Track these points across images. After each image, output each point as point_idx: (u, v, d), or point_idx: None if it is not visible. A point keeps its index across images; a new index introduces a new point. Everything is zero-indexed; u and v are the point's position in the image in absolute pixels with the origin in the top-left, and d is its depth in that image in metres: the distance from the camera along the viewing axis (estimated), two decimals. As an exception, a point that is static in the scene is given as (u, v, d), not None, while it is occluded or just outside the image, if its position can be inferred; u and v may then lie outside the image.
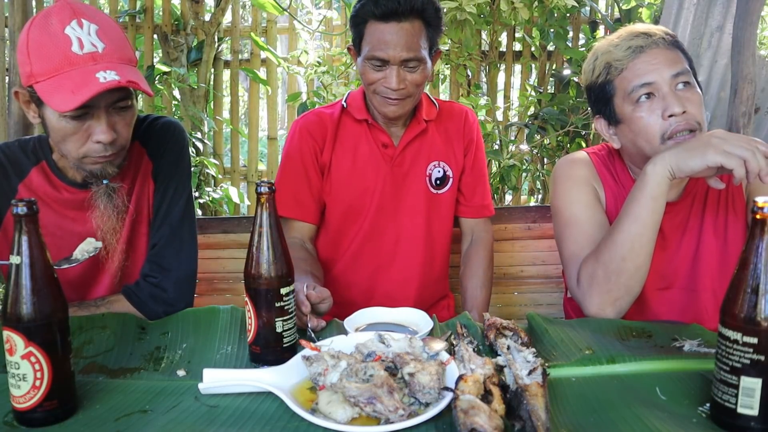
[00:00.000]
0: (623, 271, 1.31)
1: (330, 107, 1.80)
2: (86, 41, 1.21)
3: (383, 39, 1.55)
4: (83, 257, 1.36)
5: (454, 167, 1.79)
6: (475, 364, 1.01)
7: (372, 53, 1.57)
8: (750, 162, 1.18)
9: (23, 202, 0.92)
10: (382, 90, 1.61)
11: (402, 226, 1.77)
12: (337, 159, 1.74)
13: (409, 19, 1.55)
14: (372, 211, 1.75)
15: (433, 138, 1.78)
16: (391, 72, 1.58)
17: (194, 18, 3.93)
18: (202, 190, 3.78)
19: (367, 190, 1.74)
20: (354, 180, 1.74)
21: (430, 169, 1.77)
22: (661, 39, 1.38)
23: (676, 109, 1.33)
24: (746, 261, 0.90)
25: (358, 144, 1.74)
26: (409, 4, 1.54)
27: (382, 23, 1.55)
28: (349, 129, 1.75)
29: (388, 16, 1.54)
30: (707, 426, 0.93)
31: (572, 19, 3.90)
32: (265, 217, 1.11)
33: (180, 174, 1.49)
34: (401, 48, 1.55)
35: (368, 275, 1.79)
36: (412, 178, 1.76)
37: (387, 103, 1.63)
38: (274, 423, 0.95)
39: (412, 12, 1.55)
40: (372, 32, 1.57)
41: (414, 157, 1.76)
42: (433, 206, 1.78)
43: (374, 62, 1.59)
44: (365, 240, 1.77)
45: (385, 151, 1.74)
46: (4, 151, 1.41)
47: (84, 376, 1.11)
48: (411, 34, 1.56)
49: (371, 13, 1.56)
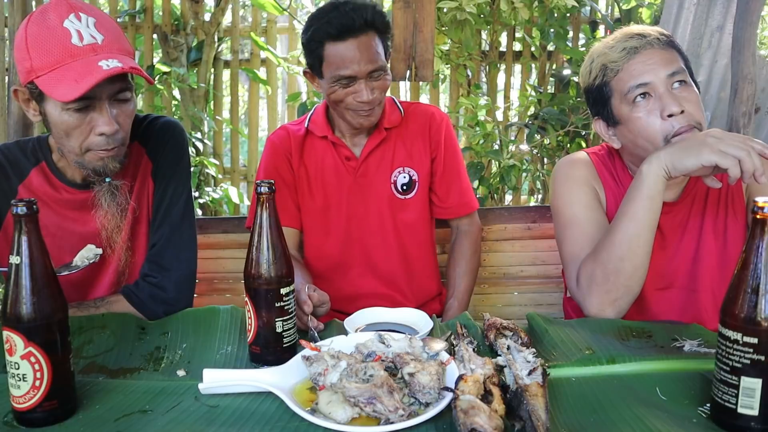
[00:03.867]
0: (622, 271, 1.31)
1: (298, 123, 1.85)
2: (85, 33, 1.22)
3: (346, 56, 1.58)
4: (83, 264, 1.36)
5: (421, 172, 1.81)
6: (475, 364, 1.01)
7: (337, 73, 1.60)
8: (745, 162, 1.18)
9: (23, 202, 0.92)
10: (354, 105, 1.64)
11: (373, 232, 1.80)
12: (306, 173, 1.80)
13: (364, 31, 1.58)
14: (342, 221, 1.80)
15: (396, 145, 1.80)
16: (360, 86, 1.61)
17: (194, 18, 3.93)
18: (202, 190, 3.78)
19: (334, 203, 1.79)
20: (322, 193, 1.79)
21: (394, 176, 1.79)
22: (656, 39, 1.38)
23: (674, 109, 1.33)
24: (746, 261, 0.90)
25: (323, 158, 1.79)
26: (362, 18, 1.57)
27: (339, 42, 1.58)
28: (313, 145, 1.80)
29: (343, 33, 1.57)
30: (707, 426, 0.93)
31: (572, 19, 3.90)
32: (265, 217, 1.11)
33: (180, 174, 1.49)
34: (365, 62, 1.58)
35: (353, 279, 1.82)
36: (376, 186, 1.79)
37: (360, 116, 1.66)
38: (274, 423, 0.95)
39: (365, 25, 1.58)
40: (332, 53, 1.59)
41: (376, 165, 1.79)
42: (400, 211, 1.81)
43: (341, 81, 1.61)
44: (342, 250, 1.81)
45: (348, 164, 1.78)
46: (4, 152, 1.41)
47: (84, 376, 1.11)
48: (369, 46, 1.59)
49: (327, 35, 1.58)
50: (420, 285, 1.87)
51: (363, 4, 1.61)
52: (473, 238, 1.90)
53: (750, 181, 1.20)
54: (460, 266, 1.86)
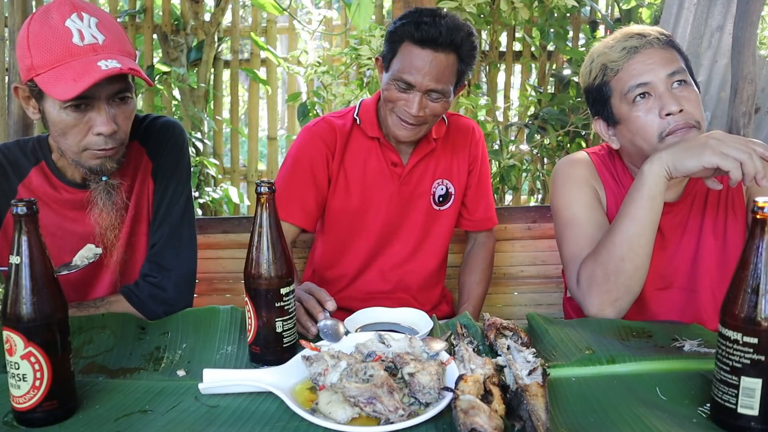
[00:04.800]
0: (622, 271, 1.31)
1: (341, 117, 1.78)
2: (87, 33, 1.22)
3: (415, 64, 1.54)
4: (83, 263, 1.36)
5: (457, 184, 1.82)
6: (475, 364, 1.01)
7: (400, 74, 1.57)
8: (746, 164, 1.18)
9: (23, 202, 0.92)
10: (401, 112, 1.61)
11: (402, 241, 1.80)
12: (345, 171, 1.75)
13: (445, 50, 1.54)
14: (377, 227, 1.77)
15: (440, 155, 1.79)
16: (414, 97, 1.57)
17: (194, 18, 3.93)
18: (202, 190, 3.78)
19: (374, 207, 1.76)
20: (361, 195, 1.75)
21: (434, 187, 1.79)
22: (656, 39, 1.39)
23: (673, 108, 1.33)
24: (746, 261, 0.90)
25: (367, 159, 1.75)
26: (450, 37, 1.53)
27: (417, 47, 1.54)
28: (359, 143, 1.75)
29: (425, 42, 1.53)
30: (707, 426, 0.93)
31: (572, 19, 3.90)
32: (265, 217, 1.11)
33: (180, 174, 1.49)
34: (431, 78, 1.54)
35: (370, 281, 1.81)
36: (417, 196, 1.78)
37: (402, 126, 1.63)
38: (274, 423, 0.95)
39: (450, 44, 1.54)
40: (406, 54, 1.56)
41: (421, 175, 1.78)
42: (433, 222, 1.81)
43: (400, 83, 1.58)
44: (371, 253, 1.79)
45: (394, 170, 1.75)
46: (4, 152, 1.41)
47: (84, 376, 1.10)
48: (443, 66, 1.55)
49: (410, 35, 1.55)
50: (431, 291, 1.87)
51: (460, 25, 1.57)
52: (489, 250, 1.94)
53: (751, 183, 1.20)
54: (476, 274, 1.90)
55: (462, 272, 1.93)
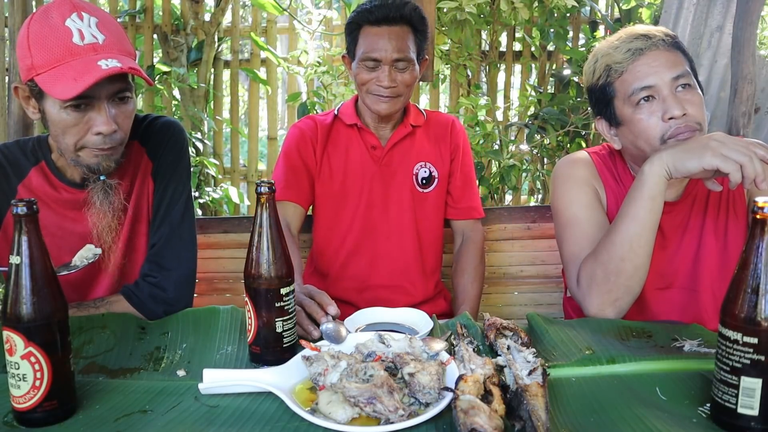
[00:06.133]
0: (622, 271, 1.31)
1: (324, 115, 1.94)
2: (87, 33, 1.22)
3: (376, 41, 1.73)
4: (82, 264, 1.36)
5: (441, 169, 1.90)
6: (475, 364, 1.01)
7: (366, 54, 1.74)
8: (746, 167, 1.18)
9: (23, 202, 0.92)
10: (375, 89, 1.76)
11: (391, 221, 1.87)
12: (328, 158, 1.87)
13: (398, 23, 1.74)
14: (362, 208, 1.86)
15: (421, 141, 1.90)
16: (383, 71, 1.73)
17: (194, 18, 3.93)
18: (202, 190, 3.78)
19: (356, 189, 1.86)
20: (343, 179, 1.86)
21: (416, 169, 1.88)
22: (661, 40, 1.38)
23: (676, 112, 1.33)
24: (746, 261, 0.90)
25: (348, 147, 1.87)
26: (399, 12, 1.73)
27: (375, 27, 1.74)
28: (340, 133, 1.89)
29: (380, 21, 1.73)
30: (707, 426, 0.93)
31: (572, 19, 3.90)
32: (265, 217, 1.11)
33: (180, 174, 1.49)
34: (392, 49, 1.72)
35: (364, 268, 1.87)
36: (399, 177, 1.87)
37: (379, 101, 1.77)
38: (274, 423, 0.95)
39: (401, 18, 1.73)
40: (366, 36, 1.75)
41: (401, 157, 1.88)
42: (420, 204, 1.89)
43: (368, 63, 1.74)
44: (359, 236, 1.87)
45: (374, 152, 1.87)
46: (3, 152, 1.41)
47: (84, 376, 1.10)
48: (400, 37, 1.73)
49: (365, 20, 1.75)
50: (427, 280, 1.91)
51: (405, 1, 1.76)
52: (478, 245, 1.96)
53: (751, 186, 1.19)
54: (469, 274, 1.92)
55: (454, 274, 1.95)
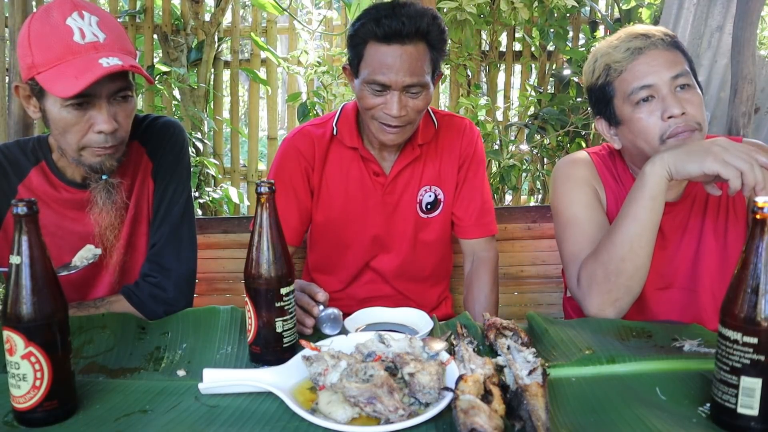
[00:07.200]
0: (623, 271, 1.31)
1: (321, 124, 1.70)
2: (87, 32, 1.22)
3: (385, 62, 1.44)
4: (82, 264, 1.36)
5: (447, 190, 1.72)
6: (475, 364, 1.01)
7: (372, 77, 1.47)
8: (747, 175, 1.17)
9: (23, 202, 0.92)
10: (382, 116, 1.51)
11: (393, 247, 1.73)
12: (326, 183, 1.68)
13: (413, 41, 1.44)
14: (365, 239, 1.71)
15: (428, 162, 1.70)
16: (393, 98, 1.47)
17: (194, 18, 3.93)
18: (202, 190, 3.78)
19: (358, 218, 1.69)
20: (344, 207, 1.69)
21: (420, 195, 1.70)
22: (660, 40, 1.38)
23: (675, 111, 1.33)
24: (746, 261, 0.90)
25: (349, 169, 1.67)
26: (414, 26, 1.43)
27: (383, 45, 1.44)
28: (339, 153, 1.67)
29: (390, 37, 1.43)
30: (707, 426, 0.93)
31: (572, 19, 3.90)
32: (265, 217, 1.11)
33: (180, 173, 1.49)
34: (404, 73, 1.44)
35: (364, 287, 1.77)
36: (402, 205, 1.70)
37: (385, 131, 1.53)
38: (274, 423, 0.95)
39: (416, 34, 1.44)
40: (372, 54, 1.46)
41: (405, 185, 1.69)
42: (423, 229, 1.73)
43: (374, 86, 1.48)
44: (360, 262, 1.74)
45: (377, 180, 1.67)
46: (4, 152, 1.41)
47: (84, 376, 1.10)
48: (415, 58, 1.45)
49: (372, 34, 1.45)
50: (432, 292, 1.83)
51: (422, 11, 1.46)
52: (491, 268, 1.75)
53: (750, 194, 1.19)
54: (480, 302, 1.71)
55: (466, 300, 1.76)
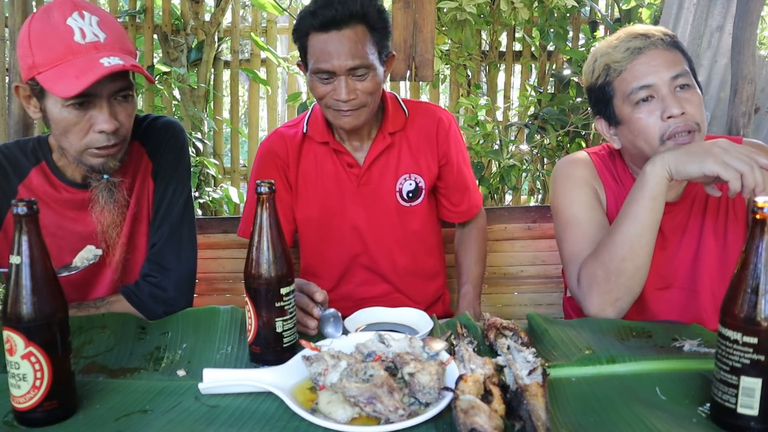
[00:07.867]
0: (623, 271, 1.31)
1: (294, 125, 1.74)
2: (88, 31, 1.22)
3: (326, 50, 1.49)
4: (83, 265, 1.36)
5: (427, 177, 1.73)
6: (475, 364, 1.01)
7: (317, 66, 1.51)
8: (747, 177, 1.17)
9: (23, 202, 0.92)
10: (333, 103, 1.54)
11: (380, 240, 1.74)
12: (303, 181, 1.71)
13: (350, 25, 1.48)
14: (345, 231, 1.73)
15: (403, 150, 1.71)
16: (339, 83, 1.50)
17: (194, 18, 3.93)
18: (202, 190, 3.78)
19: (337, 211, 1.71)
20: (322, 201, 1.71)
21: (400, 184, 1.72)
22: (660, 40, 1.38)
23: (675, 111, 1.33)
24: (746, 261, 0.90)
25: (323, 164, 1.70)
26: (348, 11, 1.47)
27: (322, 34, 1.49)
28: (311, 150, 1.70)
29: (327, 25, 1.47)
30: (707, 426, 0.93)
31: (572, 19, 3.90)
32: (265, 217, 1.11)
33: (180, 174, 1.49)
34: (345, 56, 1.48)
35: (357, 286, 1.77)
36: (380, 195, 1.71)
37: (341, 116, 1.56)
38: (274, 423, 0.95)
39: (352, 18, 1.48)
40: (314, 44, 1.51)
41: (381, 173, 1.71)
42: (407, 218, 1.74)
43: (321, 75, 1.52)
44: (348, 259, 1.75)
45: (351, 171, 1.69)
46: (4, 152, 1.41)
47: (84, 376, 1.11)
48: (354, 41, 1.48)
49: (311, 25, 1.50)
50: (427, 288, 1.83)
51: None
52: (482, 229, 1.91)
53: (749, 196, 1.19)
54: (471, 254, 1.86)
55: (457, 253, 1.91)
